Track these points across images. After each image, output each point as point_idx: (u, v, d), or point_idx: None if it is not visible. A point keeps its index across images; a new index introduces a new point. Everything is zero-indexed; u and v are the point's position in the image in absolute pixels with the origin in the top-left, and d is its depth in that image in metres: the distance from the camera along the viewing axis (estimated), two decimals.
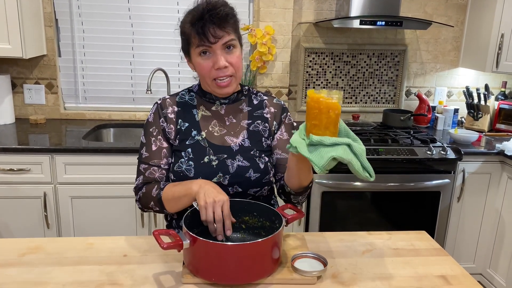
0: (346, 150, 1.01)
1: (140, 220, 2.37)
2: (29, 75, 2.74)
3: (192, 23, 1.20)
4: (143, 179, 1.33)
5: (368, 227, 2.47)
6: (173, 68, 2.85)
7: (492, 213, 2.61)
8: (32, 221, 2.32)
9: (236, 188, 1.29)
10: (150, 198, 1.27)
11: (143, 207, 1.32)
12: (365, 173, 1.03)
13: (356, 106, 3.07)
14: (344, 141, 1.02)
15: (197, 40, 1.20)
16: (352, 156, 1.01)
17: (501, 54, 2.68)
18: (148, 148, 1.33)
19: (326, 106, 1.02)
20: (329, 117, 1.02)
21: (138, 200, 1.33)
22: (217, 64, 1.21)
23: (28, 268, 1.12)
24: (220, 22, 1.19)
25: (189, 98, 1.37)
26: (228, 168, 1.28)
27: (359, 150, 1.02)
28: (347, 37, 2.94)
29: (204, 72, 1.24)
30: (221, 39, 1.20)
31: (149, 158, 1.32)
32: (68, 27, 2.75)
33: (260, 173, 1.30)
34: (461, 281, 1.13)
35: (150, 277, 1.10)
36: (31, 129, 2.56)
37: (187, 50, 1.28)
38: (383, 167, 2.41)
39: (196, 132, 1.32)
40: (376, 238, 1.36)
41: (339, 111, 1.03)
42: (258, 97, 1.40)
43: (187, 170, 1.27)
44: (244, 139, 1.33)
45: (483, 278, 2.70)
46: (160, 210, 1.28)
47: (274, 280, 1.08)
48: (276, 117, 1.39)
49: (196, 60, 1.24)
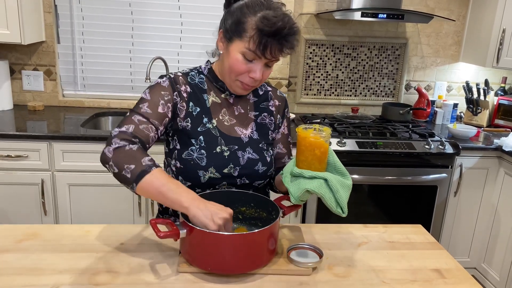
0: (322, 184, 1.08)
1: (138, 208, 2.38)
2: (27, 61, 2.73)
3: (260, 27, 1.12)
4: (134, 129, 1.15)
5: (365, 220, 2.48)
6: (173, 57, 2.83)
7: (488, 208, 2.62)
8: (30, 208, 2.32)
9: (243, 180, 1.29)
10: (135, 161, 1.07)
11: (113, 160, 1.08)
12: (338, 209, 1.09)
13: (355, 99, 3.07)
14: (322, 175, 1.09)
15: (253, 45, 1.13)
16: (325, 191, 1.08)
17: (502, 49, 2.67)
18: (154, 107, 1.19)
19: (311, 145, 1.10)
20: (314, 154, 1.11)
21: (115, 149, 1.09)
22: (255, 75, 1.18)
23: (25, 255, 1.13)
24: (284, 48, 1.16)
25: (199, 81, 1.30)
26: (239, 160, 1.27)
27: (335, 186, 1.08)
28: (348, 29, 2.92)
29: (237, 70, 1.19)
30: (275, 59, 1.18)
31: (151, 116, 1.18)
32: (68, 14, 2.73)
33: (267, 167, 1.31)
34: (455, 275, 1.14)
35: (146, 265, 1.10)
36: (29, 116, 2.55)
37: (231, 33, 1.18)
38: (381, 161, 2.41)
39: (207, 120, 1.27)
40: (372, 231, 1.37)
41: (325, 149, 1.12)
42: (263, 87, 1.40)
43: (199, 159, 1.23)
44: (253, 131, 1.33)
45: (477, 272, 2.72)
46: (125, 180, 1.07)
47: (269, 271, 1.09)
48: (279, 110, 1.39)
49: (236, 55, 1.17)
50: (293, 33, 1.15)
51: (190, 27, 2.79)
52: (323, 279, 1.08)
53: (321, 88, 3.03)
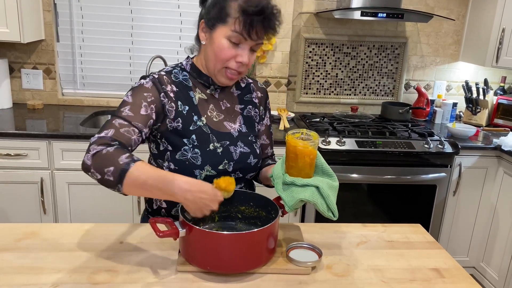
0: (314, 192, 1.10)
1: (137, 207, 2.38)
2: (27, 59, 2.72)
3: (244, 8, 1.13)
4: (113, 133, 1.11)
5: (364, 219, 2.48)
6: (172, 56, 2.83)
7: (487, 207, 2.62)
8: (29, 207, 2.32)
9: (237, 174, 1.29)
10: (113, 163, 1.04)
11: (93, 166, 1.05)
12: (329, 213, 1.11)
13: (355, 98, 3.07)
14: (314, 183, 1.11)
15: (238, 26, 1.14)
16: (318, 198, 1.10)
17: (501, 49, 2.67)
18: (135, 110, 1.16)
19: (302, 153, 1.12)
20: (305, 161, 1.13)
21: (93, 156, 1.06)
22: (242, 58, 1.18)
23: (24, 253, 1.13)
24: (269, 29, 1.17)
25: (183, 78, 1.28)
26: (232, 155, 1.27)
27: (326, 192, 1.10)
28: (348, 28, 2.92)
29: (223, 57, 1.18)
30: (260, 41, 1.19)
31: (133, 119, 1.15)
32: (67, 12, 2.72)
33: (258, 159, 1.33)
34: (454, 274, 1.14)
35: (145, 264, 1.10)
36: (29, 114, 2.55)
37: (213, 21, 1.18)
38: (380, 160, 2.41)
39: (197, 117, 1.25)
40: (371, 230, 1.37)
41: (314, 155, 1.14)
42: (244, 79, 1.40)
43: (194, 158, 1.22)
44: (241, 124, 1.33)
45: (476, 271, 2.73)
46: (110, 183, 1.05)
47: (269, 270, 1.09)
48: (262, 102, 1.41)
49: (221, 40, 1.16)
50: (276, 13, 1.18)
51: (190, 25, 2.79)
52: (322, 279, 1.09)
53: (321, 87, 3.02)
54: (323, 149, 2.33)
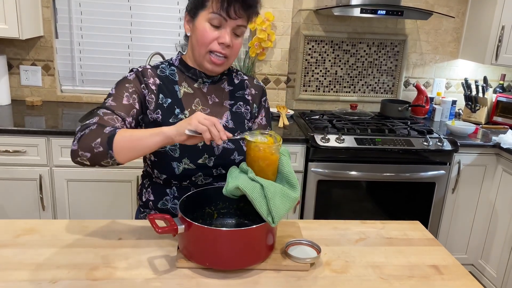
0: (255, 188, 1.05)
1: (136, 204, 2.38)
2: (25, 56, 2.72)
3: None
4: (98, 121, 1.14)
5: (363, 216, 2.49)
6: (171, 52, 2.83)
7: (486, 205, 2.63)
8: (28, 203, 2.32)
9: (220, 170, 1.28)
10: (99, 135, 1.08)
11: (81, 148, 1.09)
12: (269, 217, 1.05)
13: (354, 95, 3.07)
14: (261, 181, 1.06)
15: (217, 8, 1.17)
16: (257, 196, 1.04)
17: (501, 46, 2.67)
18: (118, 100, 1.20)
19: (256, 157, 1.10)
20: (259, 165, 1.10)
21: (78, 140, 1.10)
22: (223, 39, 1.19)
23: (23, 250, 1.13)
24: (247, 6, 1.19)
25: (170, 73, 1.30)
26: (214, 150, 1.27)
27: (271, 195, 1.04)
28: (347, 26, 2.92)
29: (205, 40, 1.20)
30: (240, 20, 1.20)
31: (116, 108, 1.19)
32: (66, 8, 2.71)
33: (244, 155, 1.30)
34: (453, 271, 1.14)
35: (144, 260, 1.10)
36: (27, 111, 2.54)
37: (195, 9, 1.22)
38: (380, 157, 2.41)
39: (179, 111, 1.27)
40: (369, 227, 1.37)
41: (270, 161, 1.10)
42: (239, 76, 1.39)
43: (172, 150, 1.23)
44: (228, 120, 1.32)
45: (474, 268, 2.73)
46: (101, 155, 1.08)
47: (267, 266, 1.09)
48: (256, 99, 1.39)
49: (202, 24, 1.19)
50: None
51: None
52: (320, 275, 1.09)
53: (320, 84, 3.02)
54: (322, 147, 2.33)
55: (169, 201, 1.31)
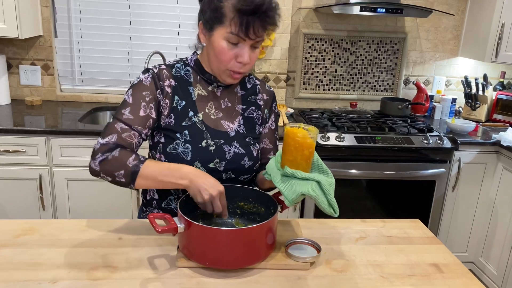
0: (315, 187, 1.07)
1: (136, 203, 2.38)
2: (25, 55, 2.71)
3: (238, 8, 1.11)
4: (116, 139, 1.17)
5: (363, 215, 2.48)
6: (171, 51, 2.82)
7: (486, 203, 2.63)
8: (28, 203, 2.32)
9: (229, 174, 1.28)
10: (122, 166, 1.13)
11: (103, 171, 1.15)
12: (330, 209, 1.07)
13: (354, 93, 3.06)
14: (314, 177, 1.07)
15: (235, 28, 1.12)
16: (320, 193, 1.06)
17: (501, 44, 2.67)
18: (135, 111, 1.20)
19: (301, 145, 1.08)
20: (303, 155, 1.09)
21: (101, 162, 1.15)
22: (243, 58, 1.16)
23: (23, 249, 1.12)
24: (267, 25, 1.15)
25: (185, 73, 1.28)
26: (225, 154, 1.26)
27: (327, 187, 1.07)
28: (347, 24, 2.91)
29: (224, 58, 1.17)
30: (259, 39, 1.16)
31: (133, 122, 1.19)
32: (65, 8, 2.71)
33: (253, 161, 1.30)
34: (453, 269, 1.14)
35: (144, 260, 1.10)
36: (27, 111, 2.54)
37: (211, 24, 1.17)
38: (380, 155, 2.41)
39: (193, 113, 1.26)
40: (370, 226, 1.37)
41: (312, 149, 1.11)
42: (251, 80, 1.39)
43: (184, 153, 1.23)
44: (240, 125, 1.32)
45: (475, 266, 2.73)
46: (122, 184, 1.15)
47: (268, 265, 1.09)
48: (267, 104, 1.39)
49: (220, 42, 1.16)
50: (273, 8, 1.14)
51: (188, 21, 2.78)
52: (321, 274, 1.09)
53: (320, 82, 3.02)
54: (322, 145, 2.33)
55: (173, 201, 1.30)
